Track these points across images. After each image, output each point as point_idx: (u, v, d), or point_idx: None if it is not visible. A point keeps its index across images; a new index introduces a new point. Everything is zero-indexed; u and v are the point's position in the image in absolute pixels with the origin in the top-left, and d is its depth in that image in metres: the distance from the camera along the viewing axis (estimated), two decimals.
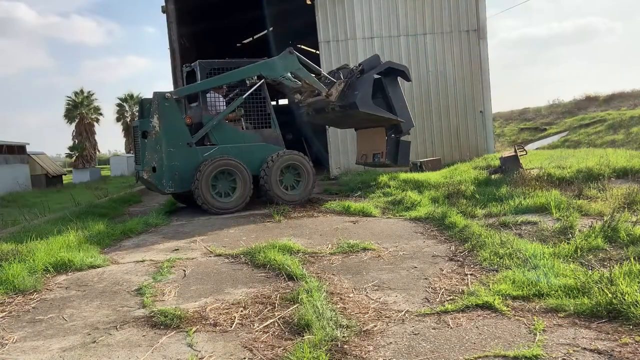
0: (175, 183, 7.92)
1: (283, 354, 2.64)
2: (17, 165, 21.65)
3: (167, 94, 7.93)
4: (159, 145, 7.86)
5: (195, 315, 3.30)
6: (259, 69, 8.31)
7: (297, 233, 5.87)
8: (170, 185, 7.94)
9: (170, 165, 7.87)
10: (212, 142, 8.20)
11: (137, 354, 2.78)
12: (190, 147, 7.97)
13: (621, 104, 28.55)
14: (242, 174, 7.94)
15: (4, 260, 4.71)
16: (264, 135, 8.56)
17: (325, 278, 3.99)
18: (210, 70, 8.50)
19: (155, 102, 7.93)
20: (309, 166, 8.44)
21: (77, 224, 6.65)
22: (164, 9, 13.73)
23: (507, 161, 8.68)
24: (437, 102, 13.14)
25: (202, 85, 8.28)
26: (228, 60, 8.73)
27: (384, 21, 13.09)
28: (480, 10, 13.02)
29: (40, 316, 3.52)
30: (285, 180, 8.32)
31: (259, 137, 8.51)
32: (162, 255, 5.15)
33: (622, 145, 17.66)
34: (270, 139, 8.54)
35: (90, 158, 42.16)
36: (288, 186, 8.36)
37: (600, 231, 4.36)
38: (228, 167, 7.90)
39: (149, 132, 7.87)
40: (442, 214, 5.98)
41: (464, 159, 12.49)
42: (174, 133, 7.92)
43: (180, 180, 7.91)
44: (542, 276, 3.41)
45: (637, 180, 7.16)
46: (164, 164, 7.86)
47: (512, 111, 36.11)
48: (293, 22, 17.50)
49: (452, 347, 2.62)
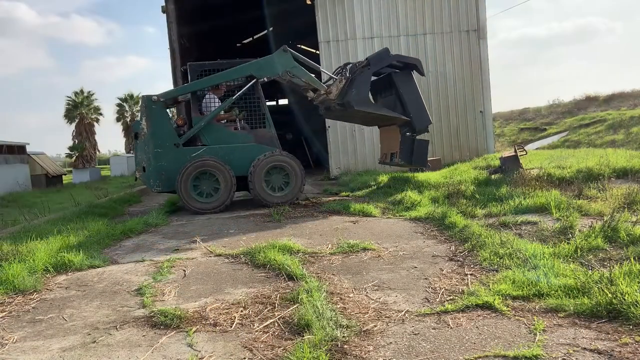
0: (162, 183, 8.18)
1: (283, 354, 2.64)
2: (17, 165, 21.66)
3: (154, 97, 8.19)
4: (147, 146, 8.17)
5: (195, 315, 3.30)
6: (250, 69, 8.32)
7: (297, 233, 5.87)
8: (158, 185, 8.22)
9: (157, 166, 8.14)
10: (203, 143, 8.31)
11: (137, 354, 2.78)
12: (177, 147, 8.17)
13: (621, 104, 28.56)
14: (224, 175, 7.98)
15: (4, 260, 4.71)
16: (258, 135, 8.50)
17: (325, 278, 3.99)
18: (200, 72, 8.71)
19: (143, 105, 8.25)
20: (297, 167, 8.24)
21: (77, 224, 6.66)
22: (164, 9, 13.74)
23: (507, 161, 8.67)
24: (437, 102, 13.15)
25: (189, 87, 8.51)
26: (219, 62, 8.85)
27: (384, 21, 13.10)
28: (480, 10, 13.03)
29: (40, 316, 3.52)
30: (273, 181, 8.21)
31: (252, 138, 8.45)
32: (162, 255, 5.15)
33: (622, 145, 17.66)
34: (264, 139, 8.45)
35: (90, 158, 42.20)
36: (276, 187, 8.23)
37: (600, 231, 4.36)
38: (208, 167, 8.00)
39: (139, 134, 8.23)
40: (442, 214, 5.98)
41: (464, 159, 12.51)
42: (161, 134, 8.17)
43: (167, 180, 8.14)
44: (542, 276, 3.41)
45: (637, 180, 7.16)
46: (152, 164, 8.16)
47: (512, 111, 36.14)
48: (293, 22, 17.52)
49: (452, 347, 2.62)
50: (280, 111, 19.25)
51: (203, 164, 7.97)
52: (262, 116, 8.65)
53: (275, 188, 8.24)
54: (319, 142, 15.93)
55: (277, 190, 8.23)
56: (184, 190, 7.91)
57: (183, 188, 7.90)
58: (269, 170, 8.16)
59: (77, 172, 29.26)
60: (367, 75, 7.98)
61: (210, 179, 8.06)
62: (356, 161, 13.19)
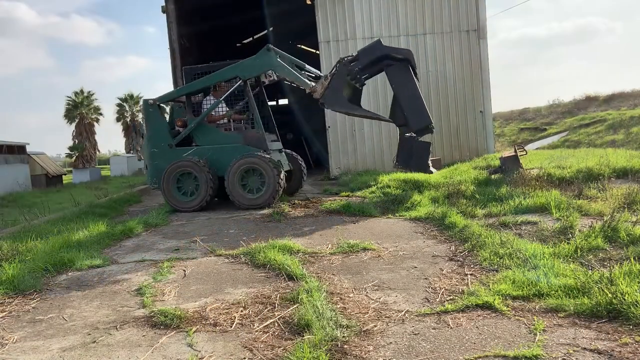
0: (158, 180, 8.61)
1: (283, 354, 2.64)
2: (17, 165, 21.66)
3: (151, 101, 8.82)
4: (147, 146, 8.86)
5: (195, 315, 3.30)
6: (235, 71, 8.46)
7: (297, 233, 5.87)
8: (154, 182, 8.78)
9: (153, 164, 8.71)
10: (197, 144, 8.66)
11: (137, 354, 2.78)
12: (170, 148, 8.65)
13: (621, 104, 28.57)
14: (201, 175, 8.21)
15: (4, 260, 4.72)
16: (247, 136, 8.56)
17: (325, 278, 3.99)
18: (194, 75, 9.08)
19: (143, 108, 9.05)
20: (269, 170, 8.02)
21: (77, 224, 6.66)
22: (164, 9, 13.74)
23: (507, 161, 8.67)
24: (437, 102, 13.14)
25: (182, 91, 8.98)
26: (211, 64, 9.09)
27: (384, 21, 13.09)
28: (480, 10, 13.01)
29: (40, 316, 3.52)
30: (250, 183, 8.19)
31: (241, 139, 8.52)
32: (162, 255, 5.15)
33: (622, 145, 17.67)
34: (252, 140, 8.48)
35: (90, 158, 42.23)
36: (254, 189, 8.16)
37: (600, 231, 4.36)
38: (186, 168, 8.31)
39: (143, 135, 8.94)
40: (442, 214, 5.98)
41: (464, 159, 12.50)
42: (157, 135, 8.75)
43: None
44: (542, 276, 3.41)
45: (637, 180, 7.16)
46: (150, 163, 8.79)
47: (512, 111, 36.15)
48: (293, 22, 17.49)
49: (452, 347, 2.62)
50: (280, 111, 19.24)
51: (183, 164, 8.32)
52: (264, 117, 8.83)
53: (253, 190, 8.19)
54: (319, 142, 15.91)
55: (255, 193, 8.16)
56: (166, 188, 8.37)
57: (165, 186, 8.37)
58: (246, 172, 8.15)
59: (77, 172, 29.29)
60: (341, 73, 7.36)
61: (191, 179, 8.36)
62: (356, 161, 13.19)
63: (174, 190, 8.37)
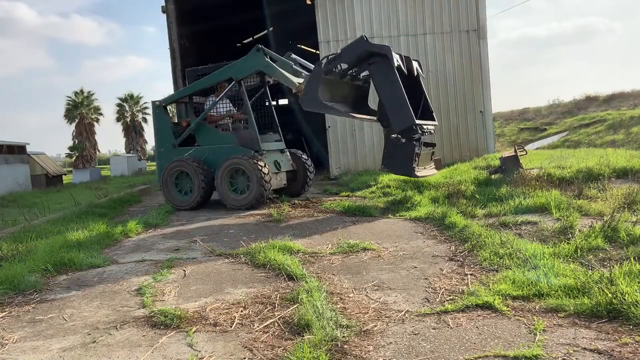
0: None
1: (283, 354, 2.64)
2: (17, 165, 21.67)
3: (157, 102, 9.13)
4: (155, 146, 9.29)
5: (195, 315, 3.30)
6: (227, 72, 8.54)
7: (297, 233, 5.87)
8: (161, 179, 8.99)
9: (159, 163, 9.09)
10: (198, 144, 8.84)
11: (137, 354, 2.78)
12: (174, 148, 8.90)
13: (621, 104, 28.58)
14: (194, 175, 8.40)
15: (4, 260, 4.72)
16: (241, 136, 8.60)
17: (325, 278, 3.99)
18: (196, 76, 9.29)
19: (152, 109, 9.30)
20: (253, 170, 7.93)
21: (77, 224, 6.66)
22: (164, 9, 13.74)
23: (507, 161, 8.67)
24: (437, 102, 13.12)
25: (183, 92, 9.22)
26: (211, 66, 9.25)
27: (384, 21, 13.08)
28: (480, 10, 13.01)
29: (40, 316, 3.52)
30: (238, 184, 8.24)
31: (235, 139, 8.57)
32: (162, 255, 5.15)
33: (622, 145, 17.67)
34: (246, 140, 8.52)
35: (90, 158, 42.26)
36: (241, 190, 8.20)
37: (600, 231, 4.36)
38: (181, 168, 8.53)
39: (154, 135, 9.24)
40: (442, 214, 5.98)
41: (464, 159, 12.49)
42: (163, 135, 9.06)
43: None
44: (542, 276, 3.41)
45: (637, 180, 7.16)
46: (158, 162, 9.18)
47: (512, 111, 36.16)
48: (293, 22, 17.50)
49: (452, 347, 2.62)
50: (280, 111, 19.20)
51: (178, 165, 8.53)
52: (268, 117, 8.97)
53: (240, 191, 8.21)
54: (319, 142, 15.91)
55: (241, 193, 8.18)
56: (164, 188, 8.68)
57: (164, 185, 8.68)
58: (235, 172, 8.19)
59: (77, 172, 29.30)
60: (316, 73, 7.04)
61: (187, 178, 8.57)
62: (356, 161, 13.19)
63: (172, 189, 8.63)
